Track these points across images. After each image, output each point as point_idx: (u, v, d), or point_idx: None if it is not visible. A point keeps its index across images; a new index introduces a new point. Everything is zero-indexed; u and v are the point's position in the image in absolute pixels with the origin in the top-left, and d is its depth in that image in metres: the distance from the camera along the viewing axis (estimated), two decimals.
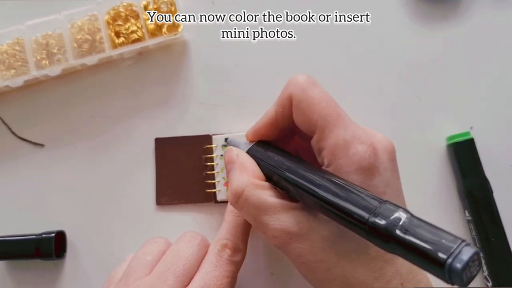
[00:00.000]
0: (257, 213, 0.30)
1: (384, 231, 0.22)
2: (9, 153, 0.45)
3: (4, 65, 0.44)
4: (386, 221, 0.23)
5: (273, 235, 0.30)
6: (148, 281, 0.32)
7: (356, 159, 0.28)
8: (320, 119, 0.29)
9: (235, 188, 0.31)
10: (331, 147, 0.29)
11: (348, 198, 0.25)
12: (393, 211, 0.23)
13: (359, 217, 0.24)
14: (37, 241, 0.41)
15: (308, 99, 0.30)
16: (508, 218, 0.38)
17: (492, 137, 0.41)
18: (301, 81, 0.31)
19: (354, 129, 0.29)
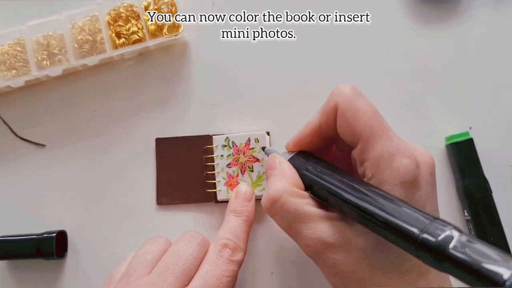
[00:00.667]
0: (291, 220, 0.30)
1: (436, 248, 0.22)
2: (10, 153, 0.45)
3: (5, 65, 0.44)
4: (438, 238, 0.22)
5: (307, 244, 0.30)
6: (148, 281, 0.32)
7: (400, 172, 0.28)
8: (365, 130, 0.29)
9: (273, 193, 0.31)
10: (375, 158, 0.29)
11: (396, 213, 0.25)
12: (444, 229, 0.23)
13: (409, 233, 0.24)
14: (38, 241, 0.41)
15: (353, 109, 0.30)
16: (507, 218, 0.38)
17: (491, 137, 0.41)
18: (347, 91, 0.31)
19: (398, 142, 0.29)
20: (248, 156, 0.40)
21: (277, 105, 0.43)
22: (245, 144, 0.41)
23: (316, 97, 0.43)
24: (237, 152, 0.41)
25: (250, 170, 0.40)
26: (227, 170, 0.41)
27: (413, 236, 0.23)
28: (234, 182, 0.40)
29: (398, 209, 0.25)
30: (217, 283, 0.32)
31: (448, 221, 0.23)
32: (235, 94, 0.44)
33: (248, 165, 0.40)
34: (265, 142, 0.40)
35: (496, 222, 0.38)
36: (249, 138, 0.41)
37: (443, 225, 0.23)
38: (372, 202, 0.26)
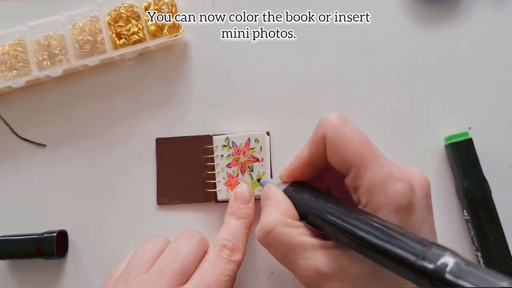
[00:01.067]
0: (286, 251, 0.30)
1: (434, 274, 0.22)
2: (11, 153, 0.45)
3: (6, 65, 0.44)
4: (436, 264, 0.22)
5: (302, 275, 0.29)
6: (146, 278, 0.32)
7: (394, 198, 0.28)
8: (355, 158, 0.29)
9: (266, 224, 0.31)
10: (367, 186, 0.28)
11: (392, 239, 0.25)
12: (441, 254, 0.22)
13: (406, 260, 0.23)
14: (39, 240, 0.41)
15: (341, 138, 0.30)
16: (506, 218, 0.38)
17: (490, 137, 0.41)
18: (334, 120, 0.31)
19: (390, 167, 0.29)
20: (248, 156, 0.40)
21: (277, 105, 0.43)
22: (245, 144, 0.41)
23: (316, 97, 0.43)
24: (237, 152, 0.41)
25: (250, 170, 0.40)
26: (227, 170, 0.41)
27: (410, 262, 0.23)
28: (234, 182, 0.40)
29: (394, 236, 0.25)
30: (216, 282, 0.32)
31: (445, 246, 0.23)
32: (235, 94, 0.44)
33: (248, 165, 0.40)
34: (265, 142, 0.40)
35: (496, 222, 0.38)
36: (249, 138, 0.41)
37: (439, 249, 0.23)
38: (367, 229, 0.26)
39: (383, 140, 0.41)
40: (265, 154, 0.40)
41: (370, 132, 0.41)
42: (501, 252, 0.38)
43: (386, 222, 0.27)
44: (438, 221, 0.40)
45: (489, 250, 0.38)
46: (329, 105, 0.43)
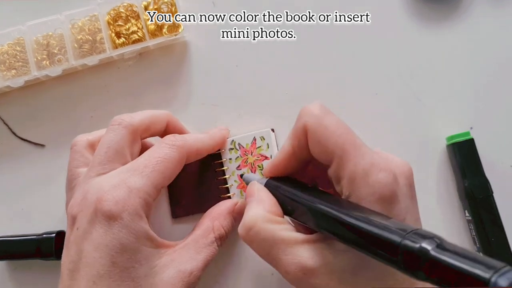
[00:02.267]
0: (269, 247, 0.30)
1: (419, 253, 0.21)
2: (10, 153, 0.45)
3: (5, 65, 0.44)
4: (421, 244, 0.22)
5: (286, 271, 0.29)
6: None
7: (377, 188, 0.27)
8: (336, 149, 0.29)
9: (247, 220, 0.30)
10: (349, 176, 0.28)
11: (376, 224, 0.24)
12: (426, 235, 0.22)
13: (390, 241, 0.23)
14: (37, 241, 0.41)
15: (323, 128, 0.30)
16: (508, 218, 0.38)
17: (492, 137, 0.41)
18: (314, 110, 0.30)
19: (372, 156, 0.28)
20: (256, 155, 0.40)
21: (277, 105, 0.43)
22: (251, 144, 0.40)
23: (316, 97, 0.43)
24: (245, 153, 0.40)
25: (261, 169, 0.40)
26: (238, 173, 0.40)
27: (394, 243, 0.23)
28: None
29: (378, 221, 0.25)
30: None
31: (429, 231, 0.23)
32: (235, 94, 0.44)
33: (258, 164, 0.40)
34: (271, 139, 0.40)
35: (497, 223, 0.38)
36: (255, 137, 0.40)
37: (424, 233, 0.23)
38: (350, 216, 0.26)
39: (383, 140, 0.41)
40: (272, 150, 0.40)
41: (370, 132, 0.41)
42: (503, 253, 0.38)
43: (369, 209, 0.27)
44: (440, 222, 0.40)
45: (490, 251, 0.38)
46: (329, 105, 0.42)
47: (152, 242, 0.33)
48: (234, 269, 0.41)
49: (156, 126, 0.37)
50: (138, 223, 0.31)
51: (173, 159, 0.34)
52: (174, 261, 0.33)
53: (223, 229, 0.37)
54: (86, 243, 0.31)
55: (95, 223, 0.31)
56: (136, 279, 0.31)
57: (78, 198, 0.33)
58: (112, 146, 0.34)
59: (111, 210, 0.31)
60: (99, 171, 0.34)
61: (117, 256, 0.30)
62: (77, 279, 0.31)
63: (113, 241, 0.30)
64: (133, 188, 0.32)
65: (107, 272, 0.30)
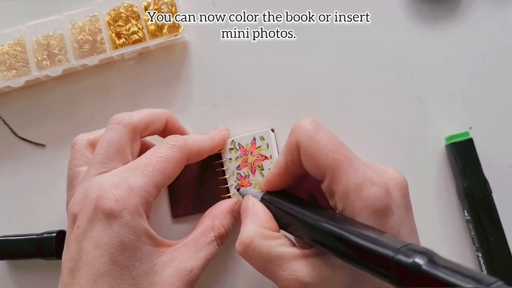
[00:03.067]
0: (266, 264, 0.30)
1: (411, 267, 0.22)
2: (10, 153, 0.45)
3: (5, 65, 0.44)
4: (414, 259, 0.22)
5: (284, 286, 0.29)
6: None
7: (370, 202, 0.27)
8: (328, 164, 0.29)
9: (244, 237, 0.31)
10: (343, 191, 0.28)
11: (370, 239, 0.25)
12: (418, 250, 0.22)
13: (384, 256, 0.23)
14: (38, 240, 0.41)
15: (314, 144, 0.30)
16: (507, 218, 0.38)
17: (491, 137, 0.41)
18: (306, 126, 0.31)
19: (365, 170, 0.28)
20: (256, 155, 0.40)
21: (277, 105, 0.43)
22: (251, 144, 0.40)
23: (315, 97, 0.43)
24: (245, 153, 0.40)
25: (261, 169, 0.40)
26: (238, 172, 0.40)
27: (388, 257, 0.23)
28: (246, 183, 0.40)
29: (371, 236, 0.25)
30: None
31: (422, 246, 0.23)
32: (236, 94, 0.44)
33: (258, 164, 0.40)
34: (271, 139, 0.40)
35: (496, 222, 0.38)
36: (254, 137, 0.40)
37: (417, 248, 0.23)
38: (344, 230, 0.26)
39: (383, 140, 0.41)
40: (272, 150, 0.40)
41: (370, 132, 0.42)
42: (502, 253, 0.38)
43: (363, 224, 0.27)
44: (439, 222, 0.40)
45: (489, 251, 0.38)
46: (329, 105, 0.43)
47: (152, 241, 0.33)
48: (234, 268, 0.41)
49: (155, 124, 0.38)
50: (138, 222, 0.32)
51: (174, 159, 0.34)
52: (174, 259, 0.33)
53: (223, 228, 0.37)
54: (87, 242, 0.31)
55: (95, 221, 0.31)
56: (136, 277, 0.31)
57: (79, 197, 0.33)
58: (112, 145, 0.34)
59: (112, 208, 0.31)
60: (99, 169, 0.34)
61: (117, 254, 0.30)
62: (77, 278, 0.31)
63: (113, 239, 0.30)
64: (134, 187, 0.32)
65: (107, 270, 0.30)
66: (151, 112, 0.38)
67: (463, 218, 0.40)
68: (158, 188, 0.33)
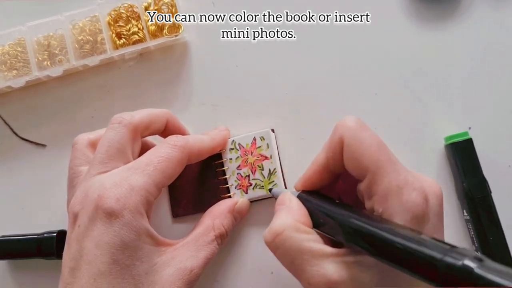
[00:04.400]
0: (294, 256, 0.29)
1: (461, 271, 0.21)
2: (11, 153, 0.45)
3: (6, 65, 0.44)
4: (463, 261, 0.21)
5: (310, 282, 0.29)
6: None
7: (409, 206, 0.27)
8: (371, 163, 0.29)
9: (276, 226, 0.30)
10: (383, 192, 0.28)
11: (414, 240, 0.24)
12: (467, 253, 0.22)
13: (430, 258, 0.23)
14: (38, 240, 0.41)
15: (359, 142, 0.30)
16: (506, 218, 0.38)
17: (490, 137, 0.41)
18: (351, 124, 0.30)
19: (406, 174, 0.28)
20: (256, 155, 0.40)
21: (277, 105, 0.43)
22: (251, 144, 0.40)
23: (316, 97, 0.43)
24: (245, 153, 0.40)
25: (261, 169, 0.40)
26: (238, 172, 0.40)
27: (434, 261, 0.22)
28: (246, 184, 0.40)
29: (415, 237, 0.24)
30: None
31: (470, 250, 0.23)
32: (236, 94, 0.44)
33: (258, 164, 0.40)
34: (271, 139, 0.40)
35: (496, 222, 0.38)
36: (255, 137, 0.40)
37: (465, 251, 0.22)
38: (387, 231, 0.26)
39: (383, 140, 0.41)
40: (272, 151, 0.40)
41: None
42: (501, 253, 0.38)
43: (405, 226, 0.26)
44: None
45: (489, 251, 0.38)
46: (329, 105, 0.43)
47: (153, 240, 0.33)
48: (234, 268, 0.41)
49: (156, 124, 0.38)
50: (139, 221, 0.32)
51: (174, 159, 0.34)
52: (174, 259, 0.34)
53: (223, 228, 0.37)
54: (87, 241, 0.31)
55: (96, 221, 0.31)
56: (137, 277, 0.31)
57: (80, 196, 0.33)
58: (113, 144, 0.34)
59: (112, 207, 0.31)
60: (100, 169, 0.34)
61: (117, 253, 0.31)
62: (78, 277, 0.31)
63: (114, 239, 0.31)
64: (135, 186, 0.32)
65: (108, 269, 0.30)
66: (152, 112, 0.38)
67: (463, 218, 0.40)
68: (159, 187, 0.33)
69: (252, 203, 0.41)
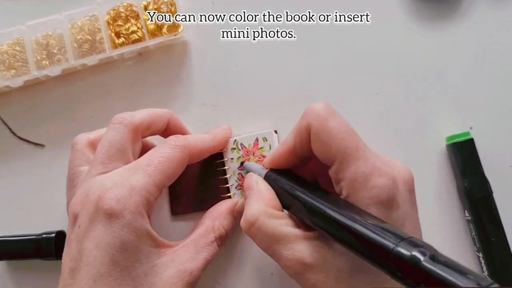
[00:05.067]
0: (270, 242, 0.30)
1: (410, 261, 0.22)
2: (10, 153, 0.45)
3: (5, 65, 0.44)
4: (412, 252, 0.22)
5: (286, 265, 0.30)
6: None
7: (375, 192, 0.28)
8: (338, 151, 0.29)
9: (249, 216, 0.31)
10: (350, 179, 0.28)
11: (371, 228, 0.25)
12: (419, 244, 0.22)
13: (384, 247, 0.23)
14: (37, 241, 0.41)
15: (326, 130, 0.30)
16: (508, 218, 0.38)
17: (491, 137, 0.41)
18: (320, 110, 0.30)
19: (374, 161, 0.29)
20: (258, 156, 0.40)
21: (277, 105, 0.43)
22: (254, 144, 0.40)
23: (316, 97, 0.43)
24: (247, 153, 0.40)
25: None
26: (239, 173, 0.40)
27: (387, 249, 0.23)
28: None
29: (373, 225, 0.25)
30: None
31: (423, 241, 0.23)
32: (236, 94, 0.44)
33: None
34: (273, 140, 0.40)
35: (497, 223, 0.38)
36: (257, 138, 0.40)
37: (418, 242, 0.23)
38: (346, 217, 0.26)
39: (383, 140, 0.41)
40: None
41: (370, 131, 0.41)
42: (503, 253, 0.38)
43: (367, 212, 0.27)
44: (439, 222, 0.40)
45: (490, 251, 0.38)
46: None
47: (153, 241, 0.33)
48: (234, 269, 0.41)
49: (157, 124, 0.38)
50: (139, 222, 0.31)
51: (175, 159, 0.34)
52: (174, 260, 0.33)
53: (223, 229, 0.37)
54: (87, 241, 0.31)
55: (96, 221, 0.31)
56: (136, 278, 0.31)
57: (80, 196, 0.33)
58: (113, 144, 0.34)
59: (113, 208, 0.31)
60: (101, 169, 0.34)
61: (117, 254, 0.30)
62: (77, 278, 0.31)
63: (114, 240, 0.30)
64: (135, 187, 0.32)
65: (107, 271, 0.30)
66: (153, 112, 0.38)
67: (464, 218, 0.40)
68: (160, 188, 0.33)
69: None
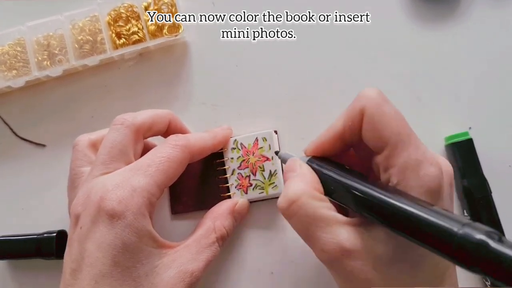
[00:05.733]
0: (309, 223, 0.29)
1: (477, 245, 0.21)
2: (11, 153, 0.45)
3: (6, 65, 0.44)
4: (480, 235, 0.21)
5: (323, 249, 0.29)
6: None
7: (426, 181, 0.27)
8: (392, 136, 0.28)
9: (291, 193, 0.30)
10: (401, 165, 0.28)
11: (430, 212, 0.24)
12: (484, 228, 0.21)
13: (448, 231, 0.22)
14: (38, 240, 0.41)
15: (381, 114, 0.29)
16: (506, 218, 0.38)
17: (490, 137, 0.41)
18: (374, 95, 0.30)
19: (425, 150, 0.28)
20: (257, 156, 0.40)
21: (277, 105, 0.43)
22: (253, 144, 0.40)
23: (316, 97, 0.43)
24: (246, 153, 0.40)
25: (262, 170, 0.40)
26: (239, 172, 0.40)
27: (451, 232, 0.22)
28: (246, 184, 0.40)
29: (431, 209, 0.24)
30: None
31: (486, 226, 0.22)
32: (236, 94, 0.44)
33: (259, 165, 0.40)
34: (273, 140, 0.40)
35: (496, 222, 0.38)
36: (257, 138, 0.40)
37: (481, 226, 0.22)
38: (401, 201, 0.25)
39: None
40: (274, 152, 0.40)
41: None
42: None
43: (419, 199, 0.26)
44: None
45: None
46: (329, 105, 0.43)
47: (154, 242, 0.33)
48: (234, 269, 0.41)
49: (158, 125, 0.38)
50: (141, 223, 0.32)
51: (176, 159, 0.34)
52: (175, 261, 0.33)
53: (224, 229, 0.37)
54: (89, 242, 0.31)
55: (98, 222, 0.31)
56: (138, 279, 0.31)
57: (82, 197, 0.33)
58: (115, 145, 0.34)
59: (115, 209, 0.31)
60: (102, 170, 0.34)
61: (119, 255, 0.30)
62: (79, 278, 0.31)
63: (116, 240, 0.31)
64: (137, 187, 0.32)
65: (109, 271, 0.30)
66: (154, 112, 0.38)
67: None
68: (161, 188, 0.33)
69: (251, 204, 0.41)
